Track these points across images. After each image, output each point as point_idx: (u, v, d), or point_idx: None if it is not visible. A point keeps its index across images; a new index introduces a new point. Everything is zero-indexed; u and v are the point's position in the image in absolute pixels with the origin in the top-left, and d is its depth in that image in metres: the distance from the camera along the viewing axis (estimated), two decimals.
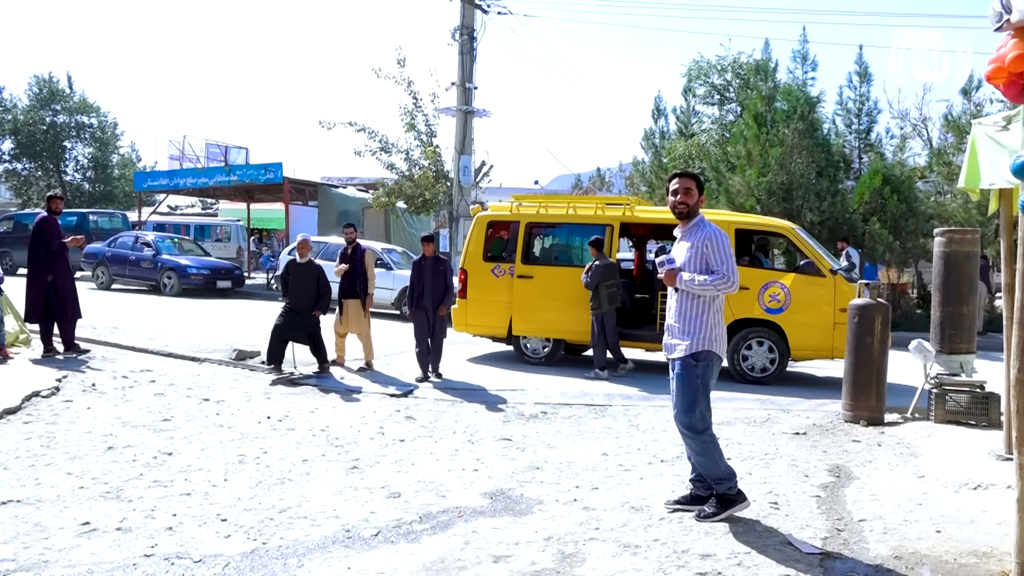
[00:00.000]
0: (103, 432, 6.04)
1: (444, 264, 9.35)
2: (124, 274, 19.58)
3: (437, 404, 7.98)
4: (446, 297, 9.28)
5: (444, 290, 9.27)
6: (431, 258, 9.35)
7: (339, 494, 4.93)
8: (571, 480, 5.39)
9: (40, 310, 9.25)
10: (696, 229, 4.55)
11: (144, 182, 24.67)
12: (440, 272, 9.28)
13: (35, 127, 36.72)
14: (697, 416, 4.46)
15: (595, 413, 7.82)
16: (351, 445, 6.15)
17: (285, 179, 21.22)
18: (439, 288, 9.24)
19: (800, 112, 16.48)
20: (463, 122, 18.64)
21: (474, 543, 4.11)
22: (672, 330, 4.60)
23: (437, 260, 9.35)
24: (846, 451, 6.40)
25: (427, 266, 9.32)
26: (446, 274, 9.28)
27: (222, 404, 7.35)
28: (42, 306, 9.24)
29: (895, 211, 16.27)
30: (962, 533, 4.33)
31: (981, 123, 5.52)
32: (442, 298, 9.27)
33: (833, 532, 4.36)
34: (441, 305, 9.25)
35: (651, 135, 23.82)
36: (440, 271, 9.28)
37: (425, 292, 9.23)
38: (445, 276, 9.26)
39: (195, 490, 4.85)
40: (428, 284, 9.23)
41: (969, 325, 7.55)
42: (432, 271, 9.29)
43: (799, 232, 10.01)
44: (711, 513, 4.45)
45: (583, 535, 4.25)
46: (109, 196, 38.14)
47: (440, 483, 5.24)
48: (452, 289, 9.33)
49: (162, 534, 4.11)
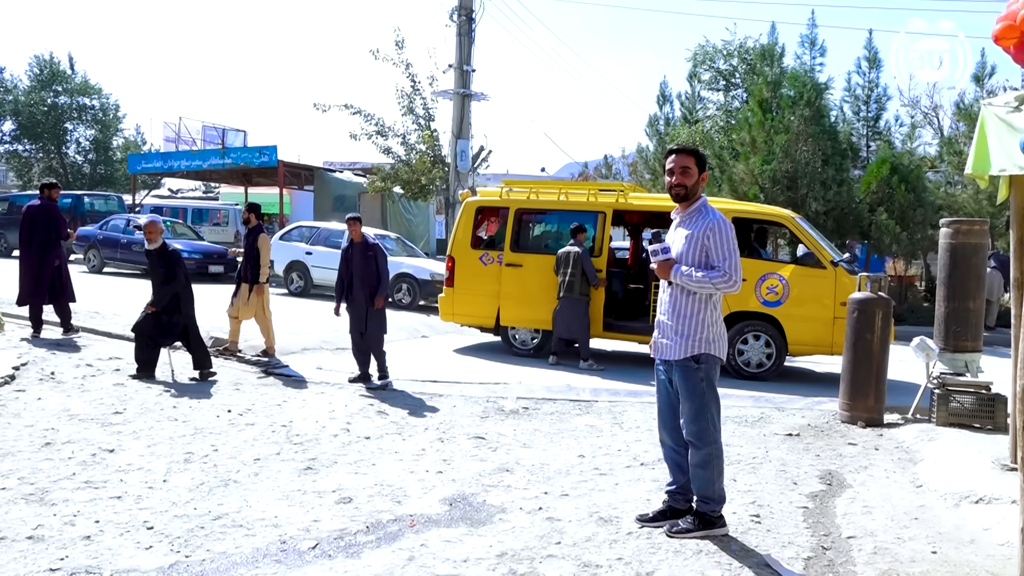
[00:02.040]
0: (46, 426, 5.67)
1: (374, 250, 8.24)
2: (116, 257, 19.23)
3: (414, 398, 7.60)
4: (380, 287, 8.18)
5: (377, 279, 8.16)
6: (359, 244, 8.25)
7: (285, 498, 4.55)
8: (540, 485, 5.00)
9: (44, 293, 9.11)
10: (697, 216, 4.04)
11: (138, 164, 24.30)
12: (370, 259, 8.17)
13: (36, 108, 36.39)
14: (708, 422, 3.99)
15: (579, 409, 7.43)
16: (311, 443, 5.77)
17: (280, 162, 20.82)
18: (370, 277, 8.15)
19: (807, 98, 15.97)
20: (460, 106, 18.18)
21: (419, 559, 3.73)
22: (664, 328, 4.10)
23: (366, 245, 8.25)
24: (840, 455, 6.00)
25: (355, 253, 8.23)
26: (377, 261, 8.19)
27: (183, 396, 6.99)
28: (45, 289, 9.09)
29: (903, 201, 15.79)
30: (960, 555, 3.92)
31: (991, 103, 5.08)
32: (375, 288, 8.17)
33: (818, 551, 3.96)
34: (376, 296, 8.15)
35: (655, 122, 23.34)
36: (370, 257, 8.17)
37: (355, 283, 8.19)
38: (377, 263, 8.18)
39: (128, 492, 4.48)
40: (357, 273, 8.16)
41: (975, 322, 7.13)
42: (361, 258, 8.19)
43: (800, 222, 9.57)
44: (686, 529, 4.03)
45: (541, 551, 3.86)
46: (110, 179, 37.82)
47: (398, 487, 4.86)
48: (386, 278, 8.27)
49: (77, 544, 3.74)
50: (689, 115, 22.55)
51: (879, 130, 18.62)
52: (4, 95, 36.27)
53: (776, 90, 16.96)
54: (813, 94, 16.08)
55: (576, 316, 9.62)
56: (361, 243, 8.24)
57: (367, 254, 8.18)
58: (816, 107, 16.05)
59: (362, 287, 8.14)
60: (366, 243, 8.25)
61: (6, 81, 36.79)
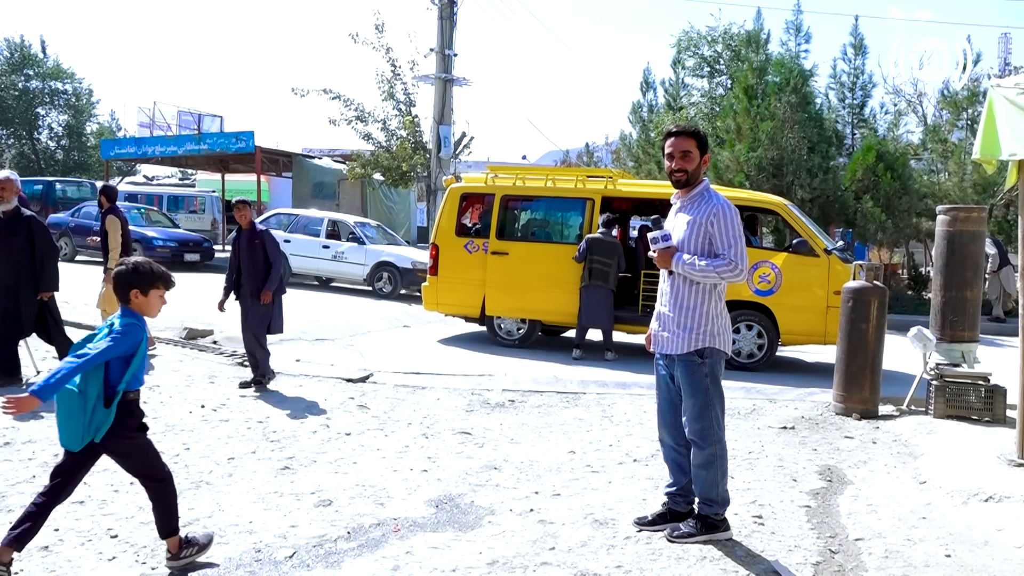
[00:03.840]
0: (5, 424, 5.35)
1: (261, 237, 7.29)
2: (88, 245, 18.76)
3: (396, 391, 7.33)
4: (268, 279, 7.21)
5: (264, 270, 7.23)
6: (247, 231, 7.32)
7: (260, 501, 4.28)
8: (531, 484, 4.76)
9: None
10: (700, 200, 3.78)
11: (111, 150, 23.72)
12: (257, 247, 7.24)
13: (7, 93, 35.53)
14: (712, 420, 3.75)
15: (567, 402, 7.20)
16: (289, 440, 5.50)
17: (257, 148, 20.37)
18: (257, 268, 7.21)
19: (792, 85, 15.78)
20: (442, 91, 17.86)
21: (404, 568, 3.48)
22: (665, 320, 3.85)
23: (253, 233, 7.31)
24: (838, 449, 5.81)
25: (242, 242, 7.32)
26: (266, 249, 7.24)
27: (155, 390, 6.68)
28: None
29: (888, 189, 15.67)
30: (976, 558, 3.72)
31: (1000, 85, 4.87)
32: (262, 281, 7.22)
33: (826, 555, 3.75)
34: (262, 290, 7.18)
35: (639, 108, 23.12)
36: (257, 246, 7.24)
37: (243, 275, 7.31)
38: (265, 252, 7.23)
39: (91, 496, 4.18)
40: (244, 264, 7.28)
41: (973, 311, 6.97)
42: (247, 247, 7.27)
43: (792, 209, 9.37)
44: (688, 533, 3.80)
45: (535, 558, 3.62)
46: (84, 165, 37.05)
47: (381, 487, 4.61)
48: (276, 268, 7.27)
49: (34, 555, 3.45)
50: (673, 102, 22.33)
51: (864, 117, 18.50)
52: None
53: (761, 77, 16.77)
54: (799, 81, 15.90)
55: (605, 306, 9.39)
56: (248, 230, 7.33)
57: (253, 243, 7.26)
58: (802, 94, 15.87)
59: (249, 280, 7.27)
60: (253, 230, 7.33)
61: None
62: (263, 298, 7.17)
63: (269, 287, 7.20)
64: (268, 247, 7.26)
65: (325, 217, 16.26)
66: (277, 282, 7.30)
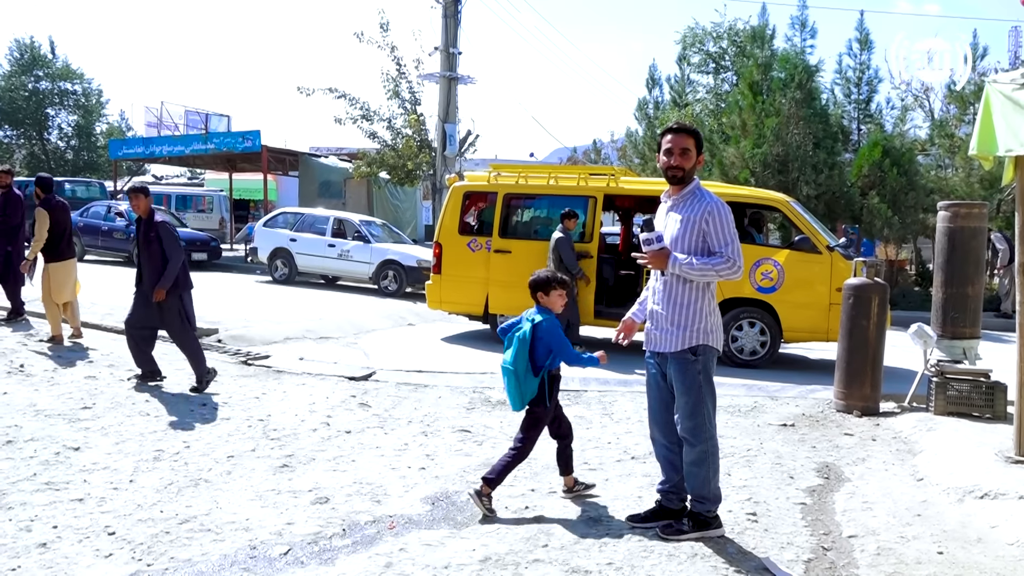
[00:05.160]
0: (8, 423, 5.41)
1: (157, 229, 6.66)
2: (96, 245, 18.89)
3: (398, 389, 7.36)
4: (162, 277, 6.58)
5: (161, 266, 6.61)
6: (143, 221, 6.75)
7: (258, 499, 4.32)
8: (527, 481, 4.78)
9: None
10: (692, 199, 3.77)
11: (119, 150, 23.88)
12: (152, 240, 6.63)
13: (16, 94, 35.81)
14: (704, 418, 3.77)
15: (568, 399, 7.19)
16: (289, 438, 5.54)
17: (264, 147, 20.45)
18: (153, 262, 6.63)
19: (798, 81, 15.72)
20: (447, 89, 17.88)
21: (397, 565, 3.51)
22: (658, 318, 3.85)
23: (148, 224, 6.70)
24: (837, 447, 5.81)
25: (139, 232, 6.78)
26: (161, 243, 6.63)
27: (157, 389, 6.73)
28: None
29: (895, 185, 15.60)
30: (968, 555, 3.73)
31: (996, 81, 4.86)
32: (157, 276, 6.60)
33: (818, 552, 3.76)
34: (156, 287, 6.57)
35: (645, 105, 23.04)
36: (152, 239, 6.63)
37: (141, 267, 6.81)
38: (161, 245, 6.62)
39: (91, 494, 4.23)
40: (143, 257, 6.74)
41: (974, 308, 6.94)
42: (143, 240, 6.69)
43: (794, 206, 9.36)
44: (679, 531, 3.81)
45: (527, 555, 3.64)
46: (94, 165, 37.27)
47: (379, 485, 4.64)
48: (173, 264, 6.64)
49: (31, 552, 3.50)
50: (679, 98, 22.27)
51: (870, 113, 18.40)
52: None
53: (767, 72, 16.71)
54: (804, 76, 15.84)
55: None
56: (145, 220, 6.74)
57: (148, 235, 6.67)
58: (807, 90, 15.82)
59: (147, 275, 6.72)
60: (149, 221, 6.73)
61: None
62: (155, 296, 6.57)
63: (162, 284, 6.59)
64: (164, 240, 6.67)
65: (331, 216, 16.33)
66: (172, 279, 6.66)
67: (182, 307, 6.85)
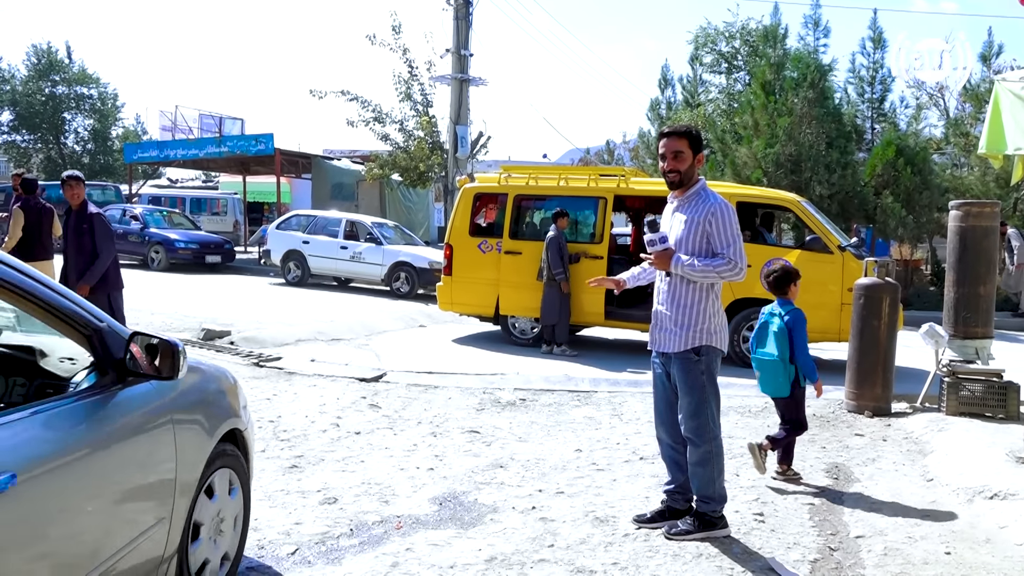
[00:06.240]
0: None
1: (91, 220, 6.36)
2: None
3: (409, 390, 7.39)
4: (90, 269, 6.27)
5: (89, 260, 6.30)
6: (76, 211, 6.46)
7: (267, 499, 4.36)
8: (535, 482, 4.80)
9: None
10: (696, 200, 3.79)
11: (134, 154, 24.11)
12: (84, 232, 6.33)
13: (34, 98, 36.22)
14: (708, 418, 3.78)
15: (577, 400, 7.23)
16: (299, 439, 5.58)
17: (276, 150, 20.58)
18: (82, 256, 6.31)
19: (810, 80, 15.64)
20: (458, 91, 17.92)
21: (403, 565, 3.54)
22: (662, 319, 3.87)
23: (81, 214, 6.42)
24: (847, 447, 5.79)
25: (71, 223, 6.46)
26: (94, 234, 6.32)
27: None
28: None
29: (909, 184, 15.48)
30: (976, 556, 3.71)
31: (1005, 79, 4.85)
32: (84, 269, 6.28)
33: (825, 553, 3.75)
34: (79, 281, 6.22)
35: (657, 106, 23.00)
36: (84, 231, 6.33)
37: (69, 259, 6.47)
38: (92, 237, 6.31)
39: None
40: (72, 248, 6.42)
41: (986, 308, 6.90)
42: (75, 231, 6.40)
43: (806, 206, 9.33)
44: (685, 531, 3.83)
45: (533, 555, 3.66)
46: (110, 169, 37.63)
47: (387, 485, 4.67)
48: (102, 259, 6.34)
49: None
50: (691, 98, 22.22)
51: (884, 112, 18.29)
52: (2, 85, 36.08)
53: (779, 72, 16.63)
54: (817, 75, 15.76)
55: (545, 301, 9.52)
56: (78, 210, 6.46)
57: (81, 226, 6.37)
58: (820, 89, 15.73)
59: (73, 267, 6.38)
60: (82, 211, 6.44)
61: (4, 71, 36.67)
62: (78, 290, 5.99)
63: (86, 280, 6.25)
64: (96, 233, 6.35)
65: (343, 218, 16.41)
66: (99, 275, 6.35)
67: (110, 308, 6.39)
